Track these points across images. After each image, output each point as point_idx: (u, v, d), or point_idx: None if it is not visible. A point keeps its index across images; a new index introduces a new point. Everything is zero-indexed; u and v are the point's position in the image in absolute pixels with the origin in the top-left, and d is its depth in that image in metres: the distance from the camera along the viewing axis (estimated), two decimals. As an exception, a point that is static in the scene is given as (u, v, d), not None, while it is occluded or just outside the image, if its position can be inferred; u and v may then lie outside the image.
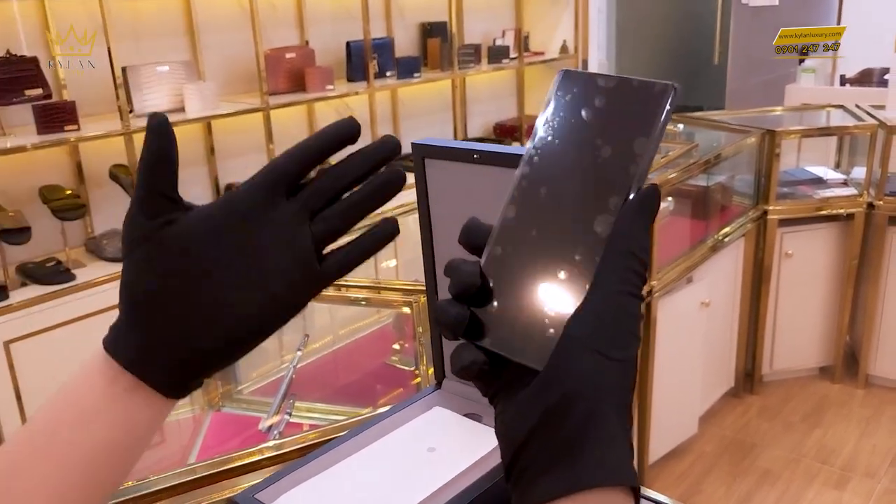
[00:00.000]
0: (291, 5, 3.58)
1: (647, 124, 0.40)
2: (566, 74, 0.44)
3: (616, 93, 0.41)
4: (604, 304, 0.38)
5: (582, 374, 0.37)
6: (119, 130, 2.79)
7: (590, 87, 0.42)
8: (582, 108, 0.42)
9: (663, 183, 2.51)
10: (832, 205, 3.18)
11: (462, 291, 0.41)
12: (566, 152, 0.42)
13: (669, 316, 2.63)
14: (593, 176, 0.41)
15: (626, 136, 0.40)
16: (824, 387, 3.37)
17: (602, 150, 0.41)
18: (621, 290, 0.38)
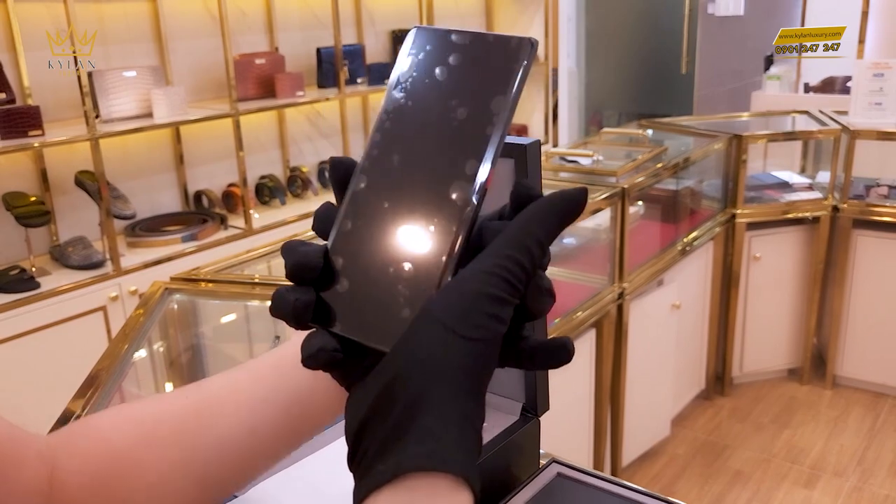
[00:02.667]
0: (261, 12, 3.56)
1: (503, 82, 0.37)
2: (419, 31, 0.40)
3: (471, 49, 0.39)
4: (468, 282, 0.35)
5: (415, 352, 0.34)
6: (85, 136, 2.75)
7: (444, 43, 0.39)
8: (436, 67, 0.39)
9: (632, 187, 2.53)
10: (798, 208, 3.23)
11: (298, 272, 0.37)
12: (419, 115, 0.39)
13: (641, 318, 2.65)
14: (448, 139, 0.38)
15: (482, 95, 0.38)
16: (793, 388, 3.42)
17: (457, 111, 0.38)
18: (492, 271, 0.35)
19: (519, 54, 0.38)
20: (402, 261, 0.37)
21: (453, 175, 0.37)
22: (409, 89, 0.39)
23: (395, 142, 0.39)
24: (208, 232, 3.12)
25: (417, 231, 0.37)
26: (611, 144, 3.12)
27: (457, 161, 0.37)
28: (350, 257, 0.38)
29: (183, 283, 1.79)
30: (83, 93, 2.71)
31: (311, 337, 0.37)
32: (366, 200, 0.38)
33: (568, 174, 2.63)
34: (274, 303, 0.37)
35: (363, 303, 0.37)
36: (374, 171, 0.39)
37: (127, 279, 2.81)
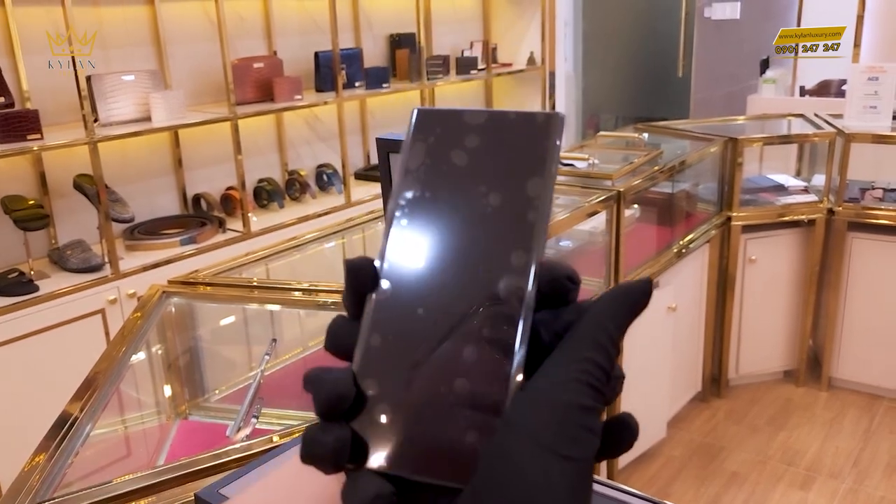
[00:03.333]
0: (259, 16, 3.58)
1: (537, 162, 0.34)
2: (422, 113, 0.36)
3: (490, 129, 0.35)
4: (553, 391, 0.30)
5: (530, 480, 0.29)
6: (83, 140, 2.76)
7: (456, 125, 0.35)
8: (451, 151, 0.35)
9: (628, 190, 2.54)
10: (794, 211, 3.25)
11: (332, 408, 0.32)
12: (443, 207, 0.34)
13: (637, 320, 2.66)
14: (484, 231, 0.34)
15: (515, 178, 0.34)
16: (789, 390, 3.43)
17: (489, 199, 0.34)
18: (578, 378, 0.31)
19: (549, 130, 0.35)
20: (454, 376, 0.32)
21: (500, 270, 0.33)
22: (424, 179, 0.35)
23: (419, 239, 0.34)
24: (206, 235, 3.14)
25: (468, 339, 0.32)
26: (607, 148, 3.14)
27: (500, 254, 0.33)
28: (385, 379, 0.32)
29: (181, 287, 1.80)
30: (82, 97, 2.73)
31: (356, 482, 0.31)
32: (393, 309, 0.33)
33: (564, 177, 2.64)
34: (307, 447, 0.32)
35: (412, 432, 0.32)
36: (398, 274, 0.34)
37: (125, 282, 2.82)
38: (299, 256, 2.25)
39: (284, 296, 1.78)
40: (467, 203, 0.34)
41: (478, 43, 4.52)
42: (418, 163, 0.35)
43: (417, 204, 0.35)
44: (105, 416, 1.42)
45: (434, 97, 4.40)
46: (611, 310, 0.33)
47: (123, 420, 1.60)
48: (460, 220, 0.34)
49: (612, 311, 0.33)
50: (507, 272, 0.33)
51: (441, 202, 0.34)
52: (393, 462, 0.31)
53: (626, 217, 2.73)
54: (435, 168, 0.35)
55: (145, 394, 1.69)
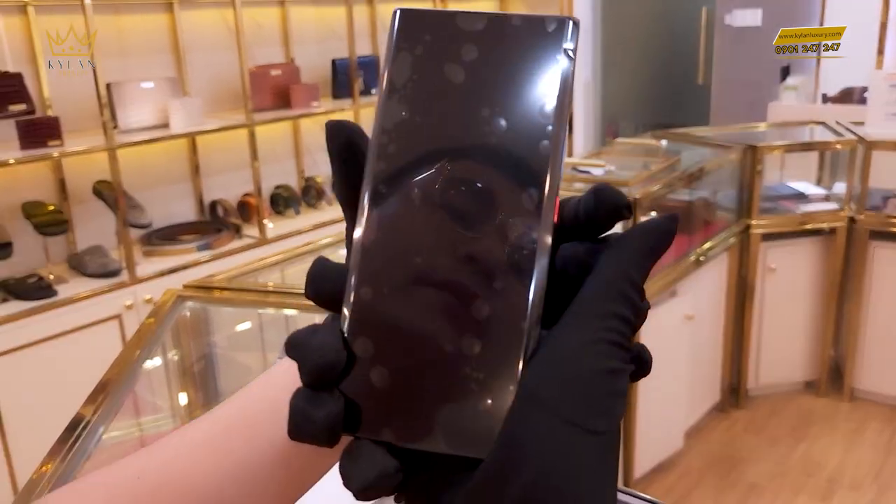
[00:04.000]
0: (277, 24, 3.60)
1: (549, 80, 0.29)
2: (406, 16, 0.30)
3: (492, 38, 0.30)
4: (576, 355, 0.27)
5: (553, 458, 0.26)
6: (102, 146, 2.79)
7: (448, 32, 0.30)
8: (444, 65, 0.29)
9: (645, 196, 2.53)
10: (814, 219, 3.21)
11: (320, 378, 0.28)
12: (437, 133, 0.29)
13: (653, 329, 2.64)
14: (489, 165, 0.29)
15: (522, 99, 0.29)
16: (809, 401, 3.38)
17: (492, 125, 0.29)
18: (603, 338, 0.28)
19: (561, 40, 0.29)
20: (462, 334, 0.28)
21: (510, 210, 0.28)
22: (412, 98, 0.29)
23: (409, 172, 0.29)
24: (223, 241, 3.15)
25: (475, 291, 0.28)
26: (625, 155, 3.12)
27: (509, 192, 0.28)
28: (382, 339, 0.28)
29: (196, 291, 1.81)
30: (101, 104, 2.76)
31: (357, 457, 0.28)
32: (386, 256, 0.29)
33: (580, 184, 2.63)
34: (295, 422, 0.28)
35: (418, 398, 0.28)
36: (387, 216, 0.29)
37: (142, 287, 2.84)
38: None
39: (299, 301, 1.78)
40: (466, 130, 0.29)
41: (495, 50, 4.52)
42: (405, 79, 0.30)
43: (407, 130, 0.29)
44: (118, 420, 1.42)
45: (451, 104, 4.41)
46: (632, 252, 0.30)
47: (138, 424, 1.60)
48: (459, 150, 0.29)
49: (633, 253, 0.30)
50: (520, 214, 0.28)
51: (435, 128, 0.29)
52: (392, 432, 0.28)
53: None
54: (425, 85, 0.29)
55: (160, 398, 1.70)
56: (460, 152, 0.29)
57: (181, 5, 3.17)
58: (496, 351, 0.28)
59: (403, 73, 0.30)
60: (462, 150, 0.29)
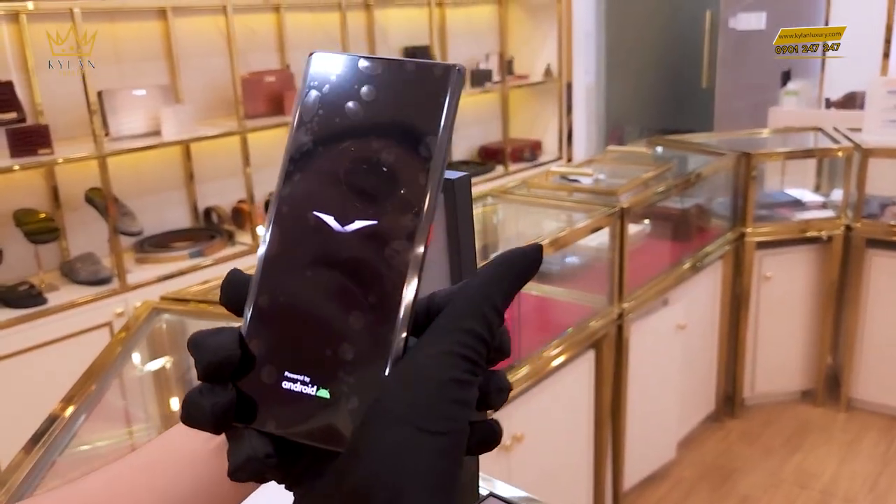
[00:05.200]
0: (272, 30, 3.60)
1: (432, 119, 0.32)
2: (317, 58, 0.34)
3: (387, 79, 0.33)
4: (424, 364, 0.31)
5: (383, 454, 0.30)
6: (93, 154, 2.80)
7: (352, 73, 0.33)
8: (346, 102, 0.33)
9: (636, 204, 2.50)
10: (810, 227, 3.17)
11: (214, 372, 0.32)
12: (333, 162, 0.33)
13: (643, 338, 2.61)
14: (375, 192, 0.32)
15: (408, 136, 0.32)
16: (806, 410, 3.34)
17: (381, 157, 0.32)
18: (452, 350, 0.31)
19: (446, 85, 0.33)
20: (339, 341, 0.32)
21: (389, 235, 0.32)
22: (316, 131, 0.33)
23: (308, 196, 0.33)
24: (216, 248, 3.16)
25: (353, 303, 0.32)
26: (617, 162, 3.10)
27: (391, 218, 0.32)
28: (272, 341, 0.32)
29: (171, 303, 1.81)
30: (91, 111, 2.76)
31: (236, 442, 0.32)
32: (283, 269, 0.33)
33: (567, 193, 2.61)
34: (186, 410, 0.32)
35: (298, 396, 0.32)
36: (287, 233, 0.33)
37: (133, 295, 2.85)
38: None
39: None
40: (359, 161, 0.33)
41: (494, 55, 4.51)
42: (312, 113, 0.34)
43: (309, 158, 0.33)
44: (84, 433, 1.42)
45: (449, 110, 4.40)
46: (496, 277, 0.33)
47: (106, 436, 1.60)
48: (351, 179, 0.33)
49: (497, 278, 0.33)
50: (398, 237, 0.32)
51: (333, 157, 0.33)
52: (275, 422, 0.32)
53: (635, 233, 2.69)
54: (328, 119, 0.33)
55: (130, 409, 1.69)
56: (352, 179, 0.33)
57: (175, 12, 3.18)
58: (365, 358, 0.31)
59: (311, 109, 0.34)
60: (354, 179, 0.33)
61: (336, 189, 0.33)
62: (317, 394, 0.32)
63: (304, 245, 0.33)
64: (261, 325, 0.33)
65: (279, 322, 0.32)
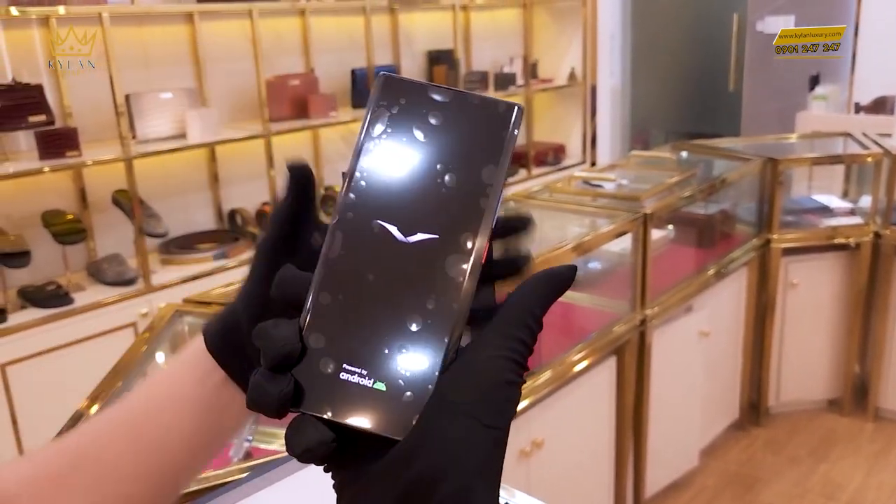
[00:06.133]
0: (297, 34, 3.62)
1: (494, 150, 0.35)
2: (388, 81, 0.37)
3: (454, 109, 0.36)
4: (482, 366, 0.34)
5: (451, 442, 0.32)
6: (120, 156, 2.83)
7: (422, 99, 0.36)
8: (414, 125, 0.36)
9: (660, 209, 2.48)
10: (838, 234, 3.13)
11: (281, 362, 0.35)
12: (401, 177, 0.36)
13: (666, 345, 2.59)
14: (437, 208, 0.35)
15: (472, 162, 0.35)
16: (832, 420, 3.29)
17: (445, 178, 0.35)
18: (504, 355, 0.34)
19: (508, 121, 0.36)
20: (396, 340, 0.34)
21: (448, 248, 0.35)
22: (385, 147, 0.36)
23: (375, 205, 0.35)
24: (239, 250, 3.18)
25: (412, 308, 0.35)
26: (640, 168, 3.08)
27: (451, 233, 0.35)
28: (332, 336, 0.35)
29: (194, 306, 1.82)
30: (118, 114, 2.80)
31: (301, 427, 0.34)
32: (345, 270, 0.35)
33: (590, 198, 2.60)
34: (253, 395, 0.35)
35: (355, 386, 0.34)
36: (352, 237, 0.35)
37: (158, 296, 2.88)
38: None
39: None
40: (425, 179, 0.35)
41: (518, 58, 4.50)
42: (380, 130, 0.36)
43: (377, 172, 0.36)
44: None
45: (473, 113, 4.40)
46: (537, 292, 0.36)
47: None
48: (417, 195, 0.35)
49: (538, 293, 0.36)
50: (455, 252, 0.35)
51: (399, 174, 0.35)
52: (332, 410, 0.34)
53: (658, 238, 2.67)
54: (397, 138, 0.36)
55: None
56: (418, 195, 0.35)
57: (202, 17, 3.21)
58: (422, 356, 0.34)
59: (380, 126, 0.36)
60: (418, 195, 0.35)
61: (401, 202, 0.35)
62: (373, 386, 0.34)
63: (366, 250, 0.35)
64: (321, 321, 0.35)
65: (339, 319, 0.35)
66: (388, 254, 0.35)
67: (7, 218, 2.81)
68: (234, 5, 3.21)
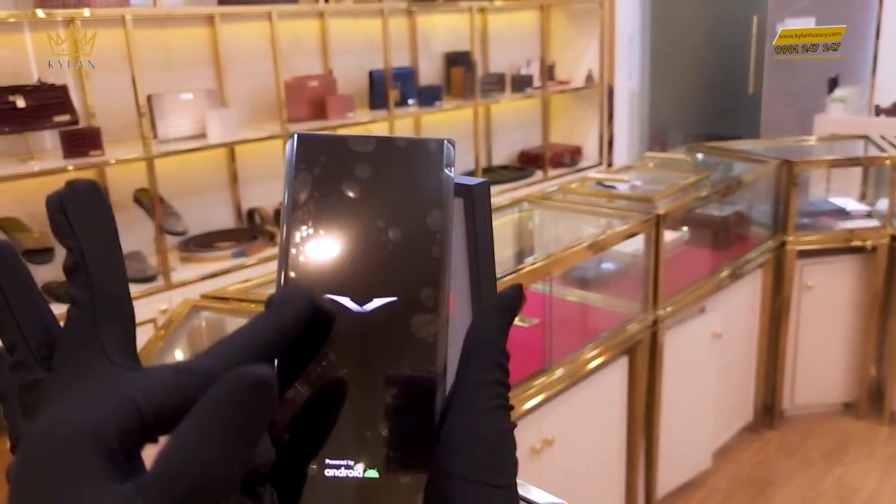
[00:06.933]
0: (316, 35, 3.67)
1: (434, 193, 0.33)
2: (302, 140, 0.33)
3: (382, 158, 0.33)
4: (476, 424, 0.31)
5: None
6: (141, 156, 2.89)
7: (342, 153, 0.33)
8: (343, 184, 0.33)
9: (673, 210, 2.49)
10: (854, 237, 3.12)
11: (258, 476, 0.30)
12: (341, 244, 0.32)
13: (679, 345, 2.60)
14: (390, 270, 0.32)
15: (414, 212, 0.33)
16: (847, 423, 3.28)
17: (390, 235, 0.32)
18: (492, 405, 0.32)
19: (441, 159, 0.33)
20: (378, 419, 0.31)
21: (411, 309, 0.32)
22: (316, 213, 0.32)
23: (319, 279, 0.32)
24: (257, 248, 3.23)
25: (387, 381, 0.31)
26: (655, 169, 3.09)
27: (410, 291, 0.32)
28: (304, 431, 0.31)
29: (211, 301, 1.86)
30: (140, 114, 2.86)
31: None
32: (301, 356, 0.32)
33: (604, 199, 2.61)
34: None
35: (344, 481, 0.31)
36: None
37: (177, 293, 2.93)
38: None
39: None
40: (367, 239, 0.32)
41: (535, 60, 4.52)
42: (306, 196, 0.32)
43: (312, 242, 0.32)
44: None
45: (490, 115, 4.42)
46: (495, 324, 0.33)
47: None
48: (362, 259, 0.32)
49: (496, 325, 0.33)
50: (420, 311, 0.32)
51: (338, 240, 0.32)
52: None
53: (672, 240, 2.68)
54: (325, 202, 0.33)
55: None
56: (364, 261, 0.32)
57: (222, 19, 3.26)
58: (410, 431, 0.31)
59: (304, 192, 0.33)
60: (365, 259, 0.32)
61: (348, 270, 0.32)
62: (365, 475, 0.31)
63: (321, 329, 0.32)
64: (289, 418, 0.31)
65: (309, 411, 0.31)
66: (345, 328, 0.32)
67: (31, 216, 2.88)
68: (254, 7, 3.26)
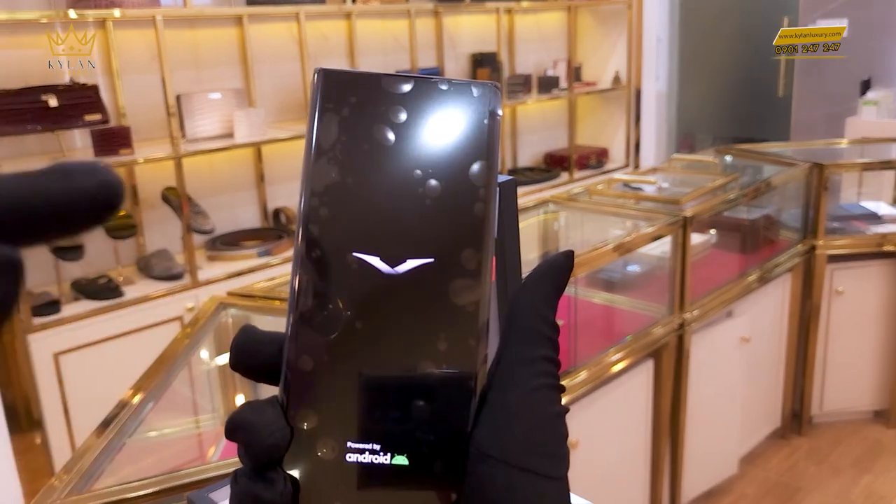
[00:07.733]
0: (343, 36, 3.69)
1: (478, 143, 0.29)
2: (329, 76, 0.29)
3: (421, 100, 0.29)
4: (522, 406, 0.28)
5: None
6: (169, 155, 2.92)
7: (377, 93, 0.29)
8: (374, 126, 0.29)
9: (700, 213, 2.47)
10: (887, 241, 3.06)
11: (269, 457, 0.27)
12: (375, 196, 0.28)
13: (705, 349, 2.57)
14: (427, 227, 0.28)
15: (456, 163, 0.29)
16: (878, 431, 3.22)
17: (428, 188, 0.28)
18: (539, 384, 0.28)
19: (487, 104, 0.29)
20: (409, 398, 0.27)
21: (449, 273, 0.28)
22: (342, 160, 0.28)
23: (346, 235, 0.28)
24: (283, 248, 3.24)
25: (420, 355, 0.28)
26: (683, 171, 3.06)
27: (449, 253, 0.28)
28: (325, 410, 0.27)
29: (238, 299, 1.87)
30: (170, 114, 2.89)
31: None
32: (322, 322, 0.28)
33: (630, 201, 2.59)
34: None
35: (369, 468, 0.27)
36: (322, 281, 0.28)
37: (203, 291, 2.96)
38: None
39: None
40: (401, 192, 0.28)
41: (562, 62, 4.50)
42: (333, 140, 0.29)
43: (338, 193, 0.28)
44: (152, 420, 1.49)
45: (516, 116, 4.41)
46: (542, 292, 0.30)
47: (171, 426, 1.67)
48: (395, 214, 0.28)
49: (542, 294, 0.30)
50: (459, 276, 0.28)
51: (368, 190, 0.28)
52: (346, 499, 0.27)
53: (699, 243, 2.65)
54: (354, 147, 0.29)
55: (197, 399, 1.77)
56: (398, 217, 0.28)
57: (250, 19, 3.29)
58: (445, 412, 0.28)
59: (331, 134, 0.29)
60: (399, 214, 0.28)
61: (379, 225, 0.28)
62: (393, 462, 0.27)
63: (346, 293, 0.28)
64: (306, 394, 0.27)
65: (330, 386, 0.28)
66: (374, 292, 0.28)
67: (62, 213, 2.91)
68: (282, 8, 3.28)
